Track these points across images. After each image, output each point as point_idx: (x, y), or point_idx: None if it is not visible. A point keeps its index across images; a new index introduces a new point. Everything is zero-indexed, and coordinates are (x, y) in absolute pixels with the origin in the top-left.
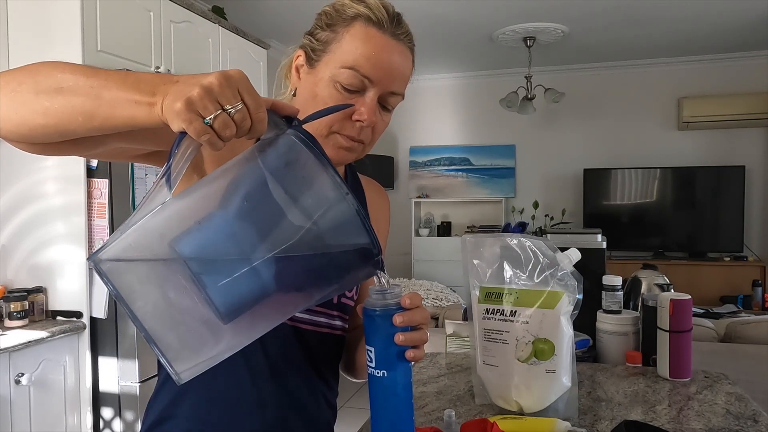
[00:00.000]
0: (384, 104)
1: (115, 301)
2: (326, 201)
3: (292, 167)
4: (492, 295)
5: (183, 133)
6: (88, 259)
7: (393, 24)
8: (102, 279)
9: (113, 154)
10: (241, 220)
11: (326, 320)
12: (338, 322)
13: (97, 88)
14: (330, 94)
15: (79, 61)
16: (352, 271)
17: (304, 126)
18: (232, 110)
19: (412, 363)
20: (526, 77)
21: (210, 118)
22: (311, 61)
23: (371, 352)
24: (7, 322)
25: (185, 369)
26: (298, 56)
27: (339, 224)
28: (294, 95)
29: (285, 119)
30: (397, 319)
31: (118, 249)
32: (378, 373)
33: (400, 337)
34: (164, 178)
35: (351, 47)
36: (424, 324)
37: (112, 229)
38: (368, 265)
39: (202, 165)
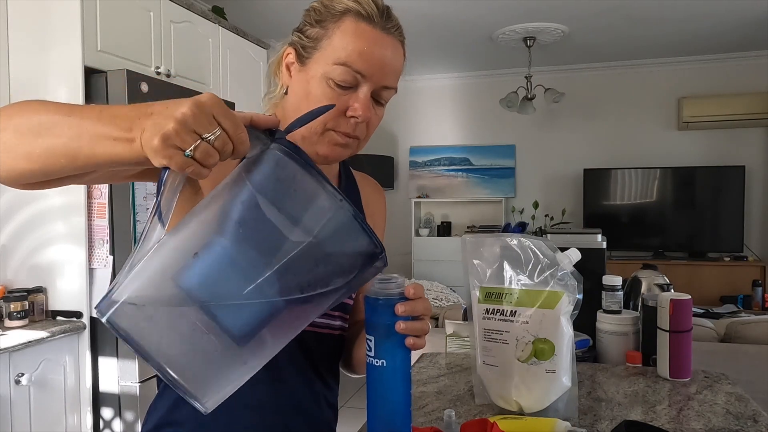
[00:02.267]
0: (377, 98)
1: None
2: (322, 212)
3: (281, 182)
4: (492, 295)
5: (166, 168)
6: (95, 307)
7: (383, 18)
8: (112, 329)
9: (107, 178)
10: (238, 244)
11: (326, 321)
12: (338, 322)
13: (75, 127)
14: (323, 92)
15: (79, 61)
16: (358, 274)
17: (289, 135)
18: (211, 137)
19: (411, 353)
20: (526, 77)
21: (190, 150)
22: (302, 58)
23: (371, 341)
24: (7, 322)
25: (210, 399)
26: (287, 54)
27: (338, 232)
28: (286, 93)
29: (267, 132)
30: (399, 308)
31: (123, 295)
32: (377, 362)
33: (401, 325)
34: (156, 215)
35: (342, 43)
36: (425, 314)
37: (111, 229)
38: (373, 265)
39: (199, 188)
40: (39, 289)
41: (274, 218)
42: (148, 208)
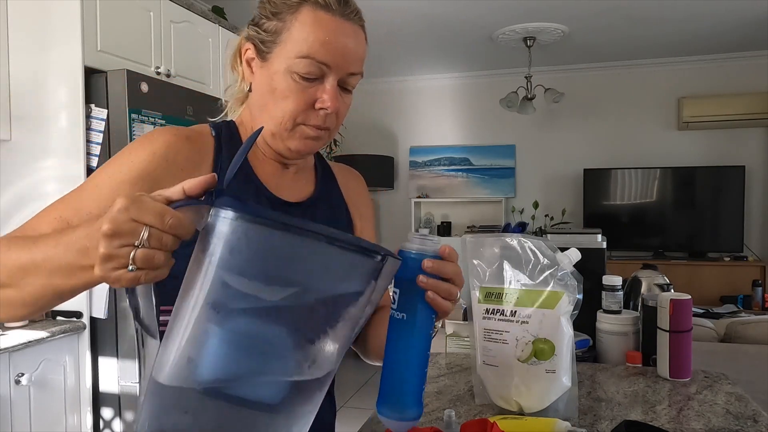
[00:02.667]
0: (344, 86)
1: (115, 301)
2: (295, 258)
3: (239, 249)
4: (492, 295)
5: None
6: None
7: (341, 4)
8: None
9: None
10: (227, 329)
11: None
12: None
13: (45, 267)
14: (288, 86)
15: (79, 61)
16: (374, 288)
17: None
18: (144, 240)
19: (434, 316)
20: (526, 77)
21: (131, 266)
22: (262, 53)
23: (396, 293)
24: (7, 322)
25: None
26: (246, 49)
27: (324, 267)
28: (250, 90)
29: (206, 196)
30: (426, 264)
31: (146, 422)
32: (398, 315)
33: (423, 279)
34: (142, 332)
35: (302, 35)
36: (454, 279)
37: None
38: (381, 272)
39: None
40: None
41: (250, 289)
42: None
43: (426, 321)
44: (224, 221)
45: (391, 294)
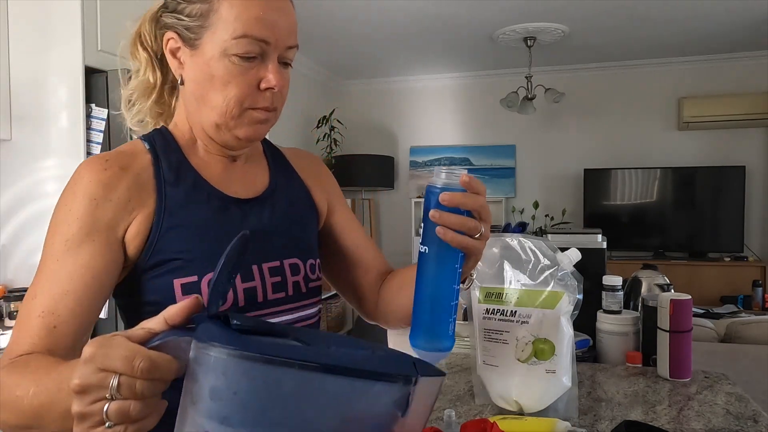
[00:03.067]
0: (283, 61)
1: (115, 301)
2: (306, 396)
3: (223, 388)
4: (492, 295)
5: None
6: None
7: None
8: None
9: None
10: None
11: (308, 312)
12: (314, 309)
13: (47, 413)
14: (227, 70)
15: (80, 61)
16: (405, 425)
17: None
18: (115, 392)
19: (460, 251)
20: (526, 77)
21: (108, 422)
22: (190, 41)
23: (421, 227)
24: (8, 322)
25: None
26: (168, 40)
27: (341, 405)
28: (182, 83)
29: (186, 329)
30: (443, 197)
31: None
32: (422, 248)
33: (434, 214)
34: None
35: (234, 14)
36: (479, 211)
37: None
38: (411, 394)
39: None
40: None
41: None
42: None
43: (449, 256)
44: (204, 357)
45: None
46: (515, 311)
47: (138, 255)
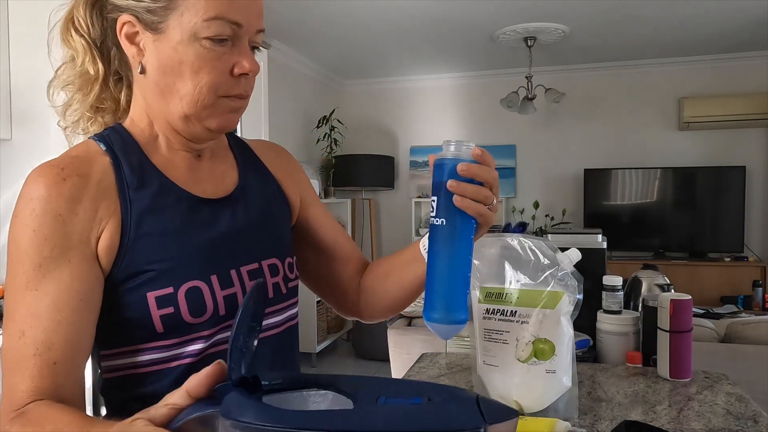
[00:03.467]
0: (254, 46)
1: None
2: None
3: None
4: (492, 295)
5: None
6: None
7: None
8: None
9: None
10: None
11: (290, 313)
12: (295, 310)
13: None
14: (198, 54)
15: None
16: None
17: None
18: None
19: (474, 221)
20: (526, 77)
21: None
22: (153, 24)
23: (434, 201)
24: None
25: None
26: (124, 23)
27: None
28: (142, 72)
29: (212, 401)
30: (461, 167)
31: None
32: (437, 221)
33: (452, 183)
34: None
35: None
36: (491, 183)
37: None
38: None
39: None
40: None
41: None
42: None
43: (465, 225)
44: None
45: (430, 202)
46: (515, 311)
47: (109, 269)
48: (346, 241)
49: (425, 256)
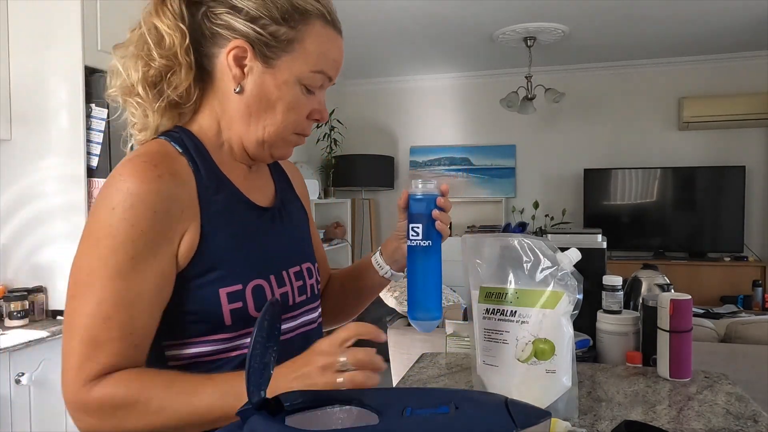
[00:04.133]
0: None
1: None
2: None
3: None
4: (492, 295)
5: None
6: None
7: (338, 21)
8: None
9: None
10: None
11: (320, 311)
12: (321, 309)
13: (207, 417)
14: (295, 96)
15: (79, 61)
16: None
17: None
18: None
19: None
20: (526, 77)
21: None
22: (265, 57)
23: (417, 227)
24: (8, 322)
25: None
26: (236, 47)
27: None
28: (239, 91)
29: (234, 426)
30: (440, 201)
31: None
32: (424, 243)
33: (437, 214)
34: None
35: (317, 49)
36: (449, 209)
37: None
38: None
39: None
40: (39, 289)
41: None
42: None
43: (439, 244)
44: None
45: (409, 231)
46: (515, 311)
47: (185, 265)
48: (324, 255)
49: (378, 269)
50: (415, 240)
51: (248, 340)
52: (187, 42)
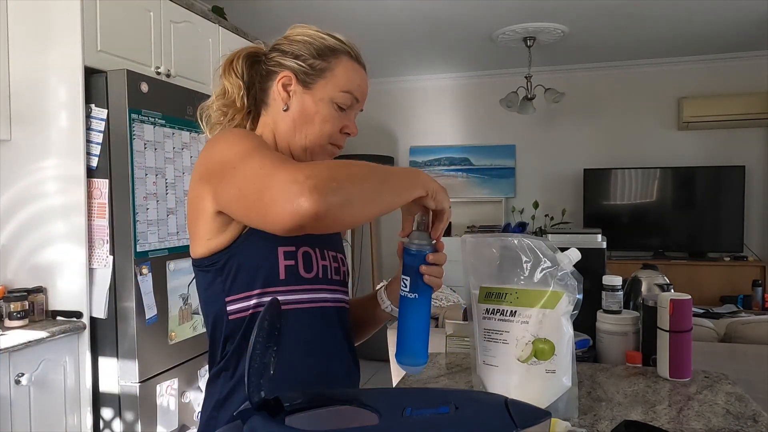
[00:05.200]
0: (355, 115)
1: (115, 301)
2: None
3: None
4: (492, 295)
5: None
6: None
7: (361, 58)
8: None
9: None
10: None
11: (346, 297)
12: (348, 298)
13: (395, 188)
14: (329, 112)
15: (79, 61)
16: None
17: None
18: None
19: (431, 291)
20: (526, 77)
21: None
22: (305, 83)
23: (407, 280)
24: (7, 322)
25: None
26: (284, 76)
27: None
28: (286, 109)
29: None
30: (430, 257)
31: None
32: (411, 295)
33: (425, 269)
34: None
35: (346, 75)
36: (443, 263)
37: (111, 229)
38: None
39: None
40: (39, 289)
41: None
42: (148, 208)
43: (428, 296)
44: None
45: (401, 281)
46: (515, 311)
47: None
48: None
49: (381, 303)
50: (404, 291)
51: (299, 296)
52: (242, 90)
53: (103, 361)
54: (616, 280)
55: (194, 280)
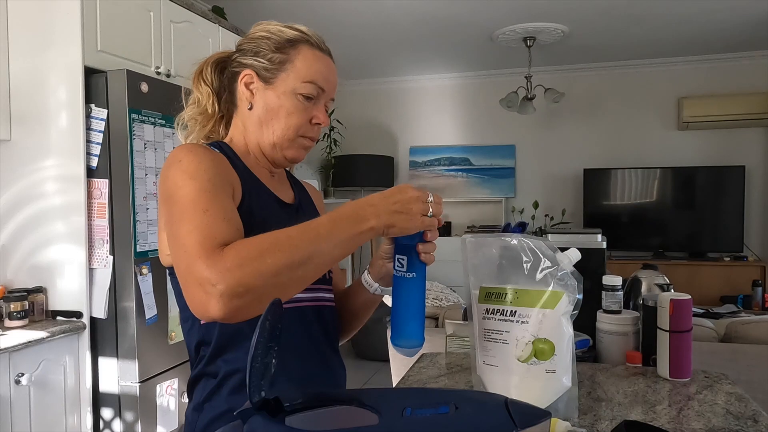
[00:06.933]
0: (326, 108)
1: (115, 301)
2: None
3: None
4: (492, 295)
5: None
6: None
7: (325, 45)
8: None
9: None
10: None
11: (328, 294)
12: (331, 294)
13: (329, 245)
14: (293, 104)
15: (79, 61)
16: None
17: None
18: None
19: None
20: (526, 77)
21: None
22: (266, 78)
23: (403, 259)
24: (7, 322)
25: None
26: (246, 74)
27: None
28: (250, 108)
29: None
30: (428, 236)
31: None
32: (409, 275)
33: (421, 248)
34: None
35: (306, 65)
36: (436, 237)
37: (111, 229)
38: None
39: None
40: (39, 289)
41: None
42: (148, 208)
43: (425, 274)
44: None
45: (395, 261)
46: (515, 311)
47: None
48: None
49: (367, 288)
50: (400, 271)
51: (298, 294)
52: (212, 97)
53: (103, 361)
54: (616, 280)
55: None
